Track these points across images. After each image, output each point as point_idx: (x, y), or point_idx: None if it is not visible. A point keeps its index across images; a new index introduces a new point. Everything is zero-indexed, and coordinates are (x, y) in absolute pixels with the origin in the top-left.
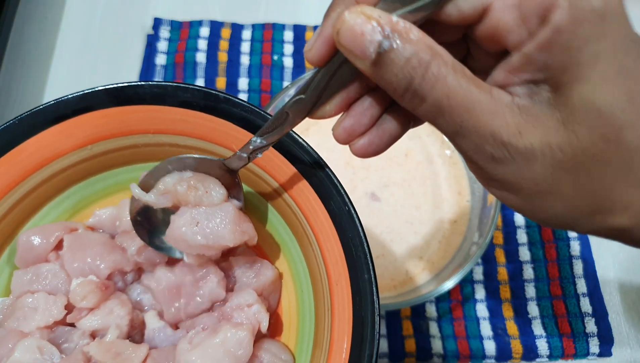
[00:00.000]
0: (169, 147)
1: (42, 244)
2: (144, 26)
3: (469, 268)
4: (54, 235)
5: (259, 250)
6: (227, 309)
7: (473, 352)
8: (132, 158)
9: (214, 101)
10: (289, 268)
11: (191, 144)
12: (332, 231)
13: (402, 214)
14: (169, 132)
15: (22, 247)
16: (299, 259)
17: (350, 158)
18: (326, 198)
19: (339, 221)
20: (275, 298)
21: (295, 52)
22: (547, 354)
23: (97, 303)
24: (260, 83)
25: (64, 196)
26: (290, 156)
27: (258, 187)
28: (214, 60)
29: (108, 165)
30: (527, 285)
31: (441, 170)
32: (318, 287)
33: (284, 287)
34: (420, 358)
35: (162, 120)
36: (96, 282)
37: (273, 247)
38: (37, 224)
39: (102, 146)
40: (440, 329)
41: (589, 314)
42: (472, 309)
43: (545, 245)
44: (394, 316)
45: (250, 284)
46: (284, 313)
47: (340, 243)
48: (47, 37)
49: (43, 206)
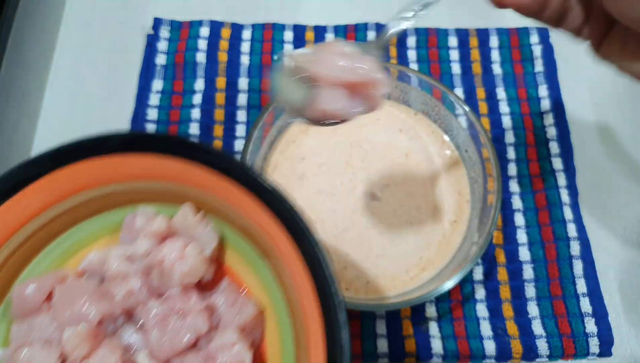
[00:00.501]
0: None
1: (35, 296)
2: (144, 26)
3: (469, 268)
4: (45, 287)
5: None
6: (211, 348)
7: (473, 352)
8: (113, 203)
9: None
10: (268, 297)
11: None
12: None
13: (402, 214)
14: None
15: (17, 300)
16: (276, 287)
17: (350, 158)
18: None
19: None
20: (259, 333)
21: None
22: (547, 354)
23: (88, 352)
24: (261, 83)
25: (56, 243)
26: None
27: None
28: (214, 60)
29: (91, 212)
30: (527, 285)
31: (441, 170)
32: (292, 310)
33: (268, 319)
34: (421, 358)
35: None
36: (87, 331)
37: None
38: (31, 273)
39: (83, 196)
40: (440, 329)
41: (589, 314)
42: (472, 309)
43: (545, 245)
44: (393, 317)
45: (233, 321)
46: (268, 345)
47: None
48: (47, 37)
49: (36, 255)
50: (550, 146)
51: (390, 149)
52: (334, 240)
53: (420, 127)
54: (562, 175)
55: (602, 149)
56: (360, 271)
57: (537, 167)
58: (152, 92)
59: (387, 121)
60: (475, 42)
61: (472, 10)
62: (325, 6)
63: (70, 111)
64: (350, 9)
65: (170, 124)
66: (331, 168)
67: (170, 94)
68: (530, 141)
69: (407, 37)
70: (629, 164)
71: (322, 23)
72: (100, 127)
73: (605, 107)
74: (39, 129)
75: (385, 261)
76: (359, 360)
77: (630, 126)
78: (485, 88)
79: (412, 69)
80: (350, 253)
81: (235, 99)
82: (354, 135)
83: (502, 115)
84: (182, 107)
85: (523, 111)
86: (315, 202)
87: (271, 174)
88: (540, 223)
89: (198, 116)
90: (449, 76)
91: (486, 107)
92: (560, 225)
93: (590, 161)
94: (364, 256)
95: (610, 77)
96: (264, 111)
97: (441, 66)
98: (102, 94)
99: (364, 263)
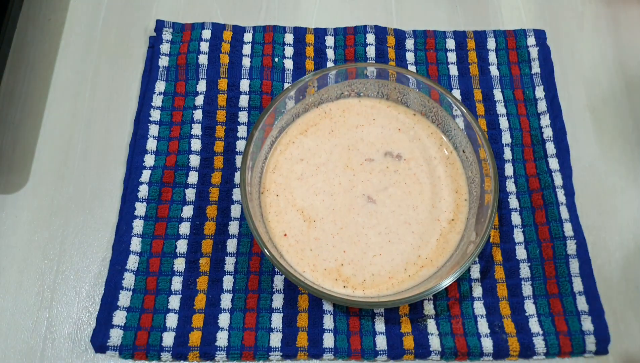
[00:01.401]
0: None
1: None
2: (147, 28)
3: (467, 266)
4: None
5: None
6: None
7: (470, 349)
8: None
9: None
10: None
11: None
12: None
13: (400, 214)
14: None
15: None
16: None
17: (348, 161)
18: None
19: None
20: None
21: (295, 54)
22: (544, 352)
23: None
24: (262, 85)
25: None
26: None
27: None
28: (216, 62)
29: None
30: (524, 283)
31: (439, 170)
32: None
33: None
34: (419, 355)
35: None
36: None
37: None
38: None
39: None
40: (438, 326)
41: (586, 312)
42: (469, 307)
43: (542, 243)
44: (392, 314)
45: None
46: None
47: None
48: (50, 39)
49: None
50: (547, 147)
51: (389, 149)
52: (332, 237)
53: (419, 128)
54: (558, 175)
55: (598, 150)
56: (359, 269)
57: (534, 167)
58: (154, 93)
59: (386, 121)
60: (472, 44)
61: (470, 13)
62: (325, 9)
63: (73, 113)
64: (350, 12)
65: (173, 125)
66: (330, 169)
67: (172, 95)
68: (527, 141)
69: (405, 39)
70: (625, 164)
71: (322, 25)
72: (104, 128)
73: (601, 108)
74: (43, 129)
75: (383, 260)
76: (358, 356)
77: (626, 126)
78: (483, 90)
79: (410, 71)
80: (349, 251)
81: (236, 101)
82: (353, 136)
83: (499, 116)
84: (184, 109)
85: (520, 112)
86: (314, 201)
87: (271, 174)
88: (537, 222)
89: (200, 117)
90: (446, 77)
91: (483, 109)
92: (556, 224)
93: (587, 161)
94: (362, 254)
95: (607, 79)
96: (264, 113)
97: (439, 68)
98: (105, 96)
99: (362, 261)
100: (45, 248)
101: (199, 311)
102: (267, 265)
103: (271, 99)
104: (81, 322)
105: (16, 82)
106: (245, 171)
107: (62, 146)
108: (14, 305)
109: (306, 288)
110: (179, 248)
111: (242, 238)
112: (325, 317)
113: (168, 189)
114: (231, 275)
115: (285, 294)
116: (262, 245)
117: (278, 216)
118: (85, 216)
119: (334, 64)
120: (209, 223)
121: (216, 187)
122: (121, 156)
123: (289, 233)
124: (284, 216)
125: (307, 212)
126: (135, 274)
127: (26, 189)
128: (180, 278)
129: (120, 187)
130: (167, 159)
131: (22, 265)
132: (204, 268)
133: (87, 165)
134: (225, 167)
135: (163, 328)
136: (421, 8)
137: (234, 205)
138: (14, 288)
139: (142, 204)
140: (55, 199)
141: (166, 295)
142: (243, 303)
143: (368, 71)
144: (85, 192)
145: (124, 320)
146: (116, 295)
